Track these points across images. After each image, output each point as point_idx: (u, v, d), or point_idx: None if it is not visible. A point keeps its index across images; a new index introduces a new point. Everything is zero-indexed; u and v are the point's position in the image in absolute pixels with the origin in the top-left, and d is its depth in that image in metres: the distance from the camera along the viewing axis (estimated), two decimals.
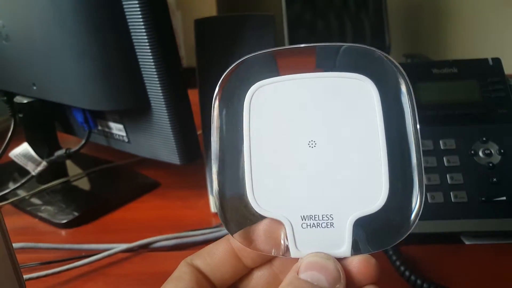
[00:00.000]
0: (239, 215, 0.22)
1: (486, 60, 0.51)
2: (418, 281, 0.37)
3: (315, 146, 0.22)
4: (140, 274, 0.44)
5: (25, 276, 0.41)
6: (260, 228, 0.22)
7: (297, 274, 0.20)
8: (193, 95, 0.51)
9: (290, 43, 1.99)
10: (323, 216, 0.21)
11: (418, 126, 0.22)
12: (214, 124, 0.23)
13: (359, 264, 0.21)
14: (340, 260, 0.21)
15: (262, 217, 0.22)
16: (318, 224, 0.21)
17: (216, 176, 0.23)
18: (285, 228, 0.21)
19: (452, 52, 2.22)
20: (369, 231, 0.21)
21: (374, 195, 0.21)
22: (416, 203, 0.21)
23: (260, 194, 0.22)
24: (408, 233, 0.21)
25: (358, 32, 2.05)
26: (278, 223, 0.22)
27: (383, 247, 0.21)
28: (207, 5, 1.98)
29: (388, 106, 0.22)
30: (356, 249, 0.21)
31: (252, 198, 0.22)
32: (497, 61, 0.51)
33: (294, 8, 2.00)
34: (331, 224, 0.21)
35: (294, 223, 0.21)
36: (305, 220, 0.21)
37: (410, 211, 0.21)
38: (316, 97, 0.22)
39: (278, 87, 0.23)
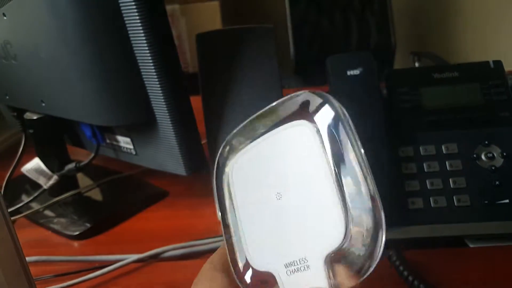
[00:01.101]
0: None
1: (487, 63, 0.51)
2: (422, 286, 0.38)
3: (281, 198, 0.24)
4: (151, 284, 0.45)
5: None
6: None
7: None
8: (198, 101, 0.52)
9: (295, 43, 1.99)
10: (300, 260, 0.22)
11: (362, 150, 0.23)
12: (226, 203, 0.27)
13: None
14: None
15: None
16: (298, 268, 0.22)
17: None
18: (275, 278, 0.23)
19: (461, 48, 2.21)
20: (344, 265, 0.22)
21: (335, 231, 0.22)
22: (371, 228, 0.22)
23: (254, 254, 0.24)
24: (377, 260, 0.21)
25: (363, 31, 2.05)
26: (271, 275, 0.23)
27: (360, 278, 0.22)
28: (211, 10, 2.00)
29: (330, 140, 0.23)
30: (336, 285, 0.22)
31: (251, 260, 0.24)
32: (498, 64, 0.51)
33: (298, 7, 2.00)
34: (307, 266, 0.22)
35: (281, 273, 0.23)
36: (288, 267, 0.23)
37: (369, 238, 0.22)
38: (273, 154, 0.25)
39: (245, 158, 0.26)
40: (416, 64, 1.97)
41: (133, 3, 0.41)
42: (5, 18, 0.51)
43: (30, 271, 0.29)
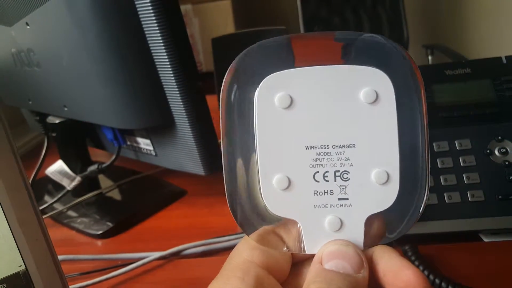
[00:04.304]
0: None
1: (499, 58, 0.52)
2: (437, 280, 0.39)
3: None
4: (173, 281, 0.47)
5: (70, 287, 0.45)
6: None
7: (321, 264, 0.20)
8: (212, 100, 0.53)
9: None
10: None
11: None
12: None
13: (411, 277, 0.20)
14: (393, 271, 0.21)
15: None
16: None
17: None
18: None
19: (474, 40, 2.18)
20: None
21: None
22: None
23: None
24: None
25: (375, 26, 2.04)
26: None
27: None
28: (223, 10, 2.01)
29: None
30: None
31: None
32: (511, 59, 0.52)
33: (310, 5, 2.00)
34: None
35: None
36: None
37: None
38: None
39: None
40: (429, 57, 1.95)
41: (151, 10, 0.43)
42: (28, 27, 0.53)
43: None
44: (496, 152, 0.47)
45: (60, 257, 0.48)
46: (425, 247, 0.44)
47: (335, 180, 0.21)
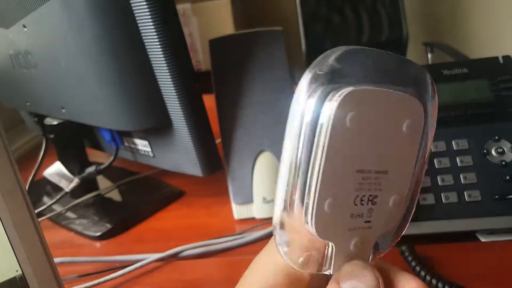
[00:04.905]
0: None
1: (496, 58, 0.52)
2: (433, 281, 0.39)
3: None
4: (172, 282, 0.47)
5: None
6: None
7: (338, 284, 0.21)
8: (210, 100, 0.53)
9: (306, 39, 1.99)
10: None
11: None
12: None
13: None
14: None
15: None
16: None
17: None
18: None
19: (473, 38, 2.18)
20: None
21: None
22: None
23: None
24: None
25: (375, 23, 2.04)
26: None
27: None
28: (222, 9, 2.01)
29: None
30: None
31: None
32: (508, 59, 0.52)
33: (309, 3, 2.00)
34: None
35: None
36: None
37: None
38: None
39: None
40: (429, 55, 1.95)
41: (148, 12, 0.43)
42: (25, 29, 0.53)
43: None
44: (493, 152, 0.47)
45: (58, 259, 0.49)
46: (422, 247, 0.44)
47: (367, 204, 0.22)
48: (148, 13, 0.42)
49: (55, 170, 0.61)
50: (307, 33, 2.01)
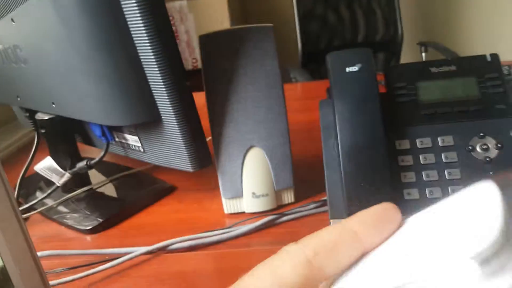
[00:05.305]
0: None
1: (484, 56, 0.52)
2: None
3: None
4: (160, 275, 0.47)
5: (54, 282, 0.45)
6: None
7: None
8: (203, 97, 0.54)
9: (302, 37, 2.00)
10: None
11: None
12: None
13: None
14: None
15: None
16: None
17: None
18: None
19: (468, 38, 2.19)
20: None
21: None
22: None
23: None
24: None
25: (370, 23, 2.05)
26: None
27: None
28: (219, 6, 2.01)
29: None
30: None
31: None
32: (495, 57, 0.52)
33: (305, 1, 2.00)
34: None
35: None
36: None
37: None
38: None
39: None
40: (423, 54, 1.96)
41: (136, 6, 0.43)
42: (13, 23, 0.53)
43: (42, 265, 0.31)
44: (478, 149, 0.47)
45: (46, 252, 0.49)
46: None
47: None
48: (136, 8, 0.42)
49: (46, 165, 0.61)
50: (303, 31, 2.02)
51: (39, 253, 0.47)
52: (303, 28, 2.02)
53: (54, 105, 0.57)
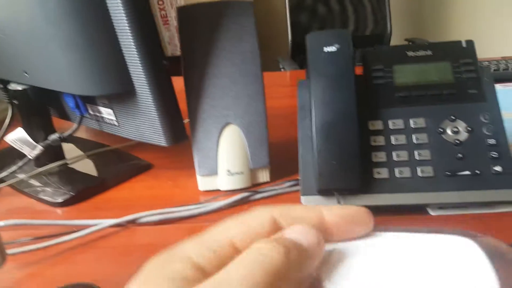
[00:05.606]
0: None
1: (459, 42, 0.53)
2: None
3: None
4: (127, 246, 0.47)
5: (16, 250, 0.45)
6: None
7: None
8: (180, 82, 0.53)
9: (292, 28, 2.00)
10: None
11: None
12: None
13: None
14: None
15: None
16: None
17: None
18: None
19: (454, 37, 2.21)
20: None
21: None
22: None
23: None
24: None
25: (360, 17, 2.06)
26: None
27: None
28: None
29: None
30: None
31: None
32: (470, 43, 0.53)
33: None
34: None
35: None
36: None
37: None
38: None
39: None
40: None
41: None
42: None
43: (7, 234, 0.30)
44: (449, 131, 0.48)
45: (11, 221, 0.48)
46: (375, 219, 0.44)
47: None
48: None
49: (17, 136, 0.60)
50: (293, 22, 2.01)
51: (3, 222, 0.47)
52: (293, 19, 2.02)
53: (26, 75, 0.56)
